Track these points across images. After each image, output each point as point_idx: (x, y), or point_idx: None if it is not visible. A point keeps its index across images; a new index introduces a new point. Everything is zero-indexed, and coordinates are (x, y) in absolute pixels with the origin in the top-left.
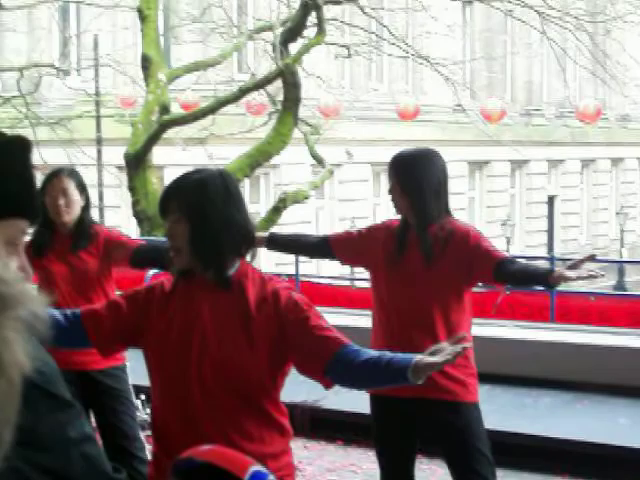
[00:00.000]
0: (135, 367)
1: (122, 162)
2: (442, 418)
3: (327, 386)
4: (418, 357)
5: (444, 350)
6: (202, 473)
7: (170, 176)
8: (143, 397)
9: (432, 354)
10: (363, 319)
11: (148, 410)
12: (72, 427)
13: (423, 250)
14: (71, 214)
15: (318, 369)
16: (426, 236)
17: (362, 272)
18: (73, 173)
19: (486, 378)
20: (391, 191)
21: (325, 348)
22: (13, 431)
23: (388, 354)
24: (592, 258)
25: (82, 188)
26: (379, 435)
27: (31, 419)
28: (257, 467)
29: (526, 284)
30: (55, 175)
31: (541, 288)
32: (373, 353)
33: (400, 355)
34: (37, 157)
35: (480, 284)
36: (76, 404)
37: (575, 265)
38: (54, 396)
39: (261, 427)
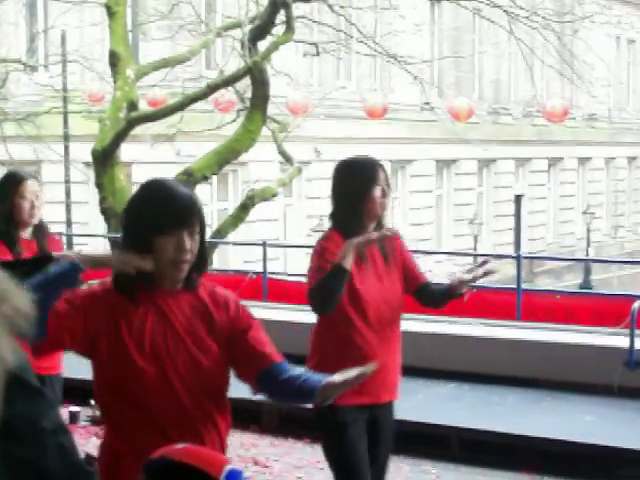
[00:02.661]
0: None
1: (89, 158)
2: (388, 418)
3: (255, 392)
4: (328, 379)
5: (350, 374)
6: (176, 472)
7: (138, 173)
8: None
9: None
10: None
11: None
12: (46, 417)
13: (383, 251)
14: (38, 216)
15: (251, 377)
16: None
17: None
18: (36, 176)
19: (453, 376)
20: (384, 195)
21: (259, 361)
22: None
23: (306, 375)
24: (485, 263)
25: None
26: (351, 445)
27: (6, 408)
28: (232, 466)
29: (442, 303)
30: (28, 178)
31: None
32: (296, 373)
33: (314, 377)
34: (3, 152)
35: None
36: (48, 394)
37: (472, 269)
38: (27, 384)
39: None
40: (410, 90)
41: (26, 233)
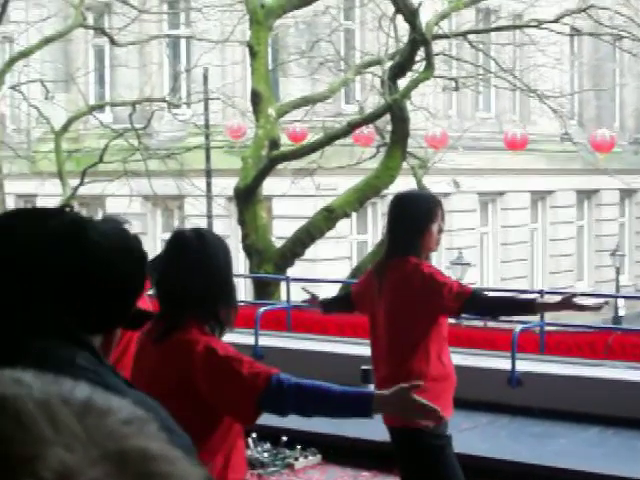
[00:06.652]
0: None
1: (231, 193)
2: None
3: None
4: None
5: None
6: None
7: (278, 207)
8: (254, 435)
9: None
10: None
11: (259, 448)
12: None
13: None
14: None
15: None
16: None
17: None
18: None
19: (597, 420)
20: (440, 231)
21: None
22: None
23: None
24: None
25: None
26: (454, 459)
27: None
28: None
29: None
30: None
31: None
32: None
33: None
34: (147, 188)
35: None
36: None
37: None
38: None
39: None
40: (550, 122)
41: None
